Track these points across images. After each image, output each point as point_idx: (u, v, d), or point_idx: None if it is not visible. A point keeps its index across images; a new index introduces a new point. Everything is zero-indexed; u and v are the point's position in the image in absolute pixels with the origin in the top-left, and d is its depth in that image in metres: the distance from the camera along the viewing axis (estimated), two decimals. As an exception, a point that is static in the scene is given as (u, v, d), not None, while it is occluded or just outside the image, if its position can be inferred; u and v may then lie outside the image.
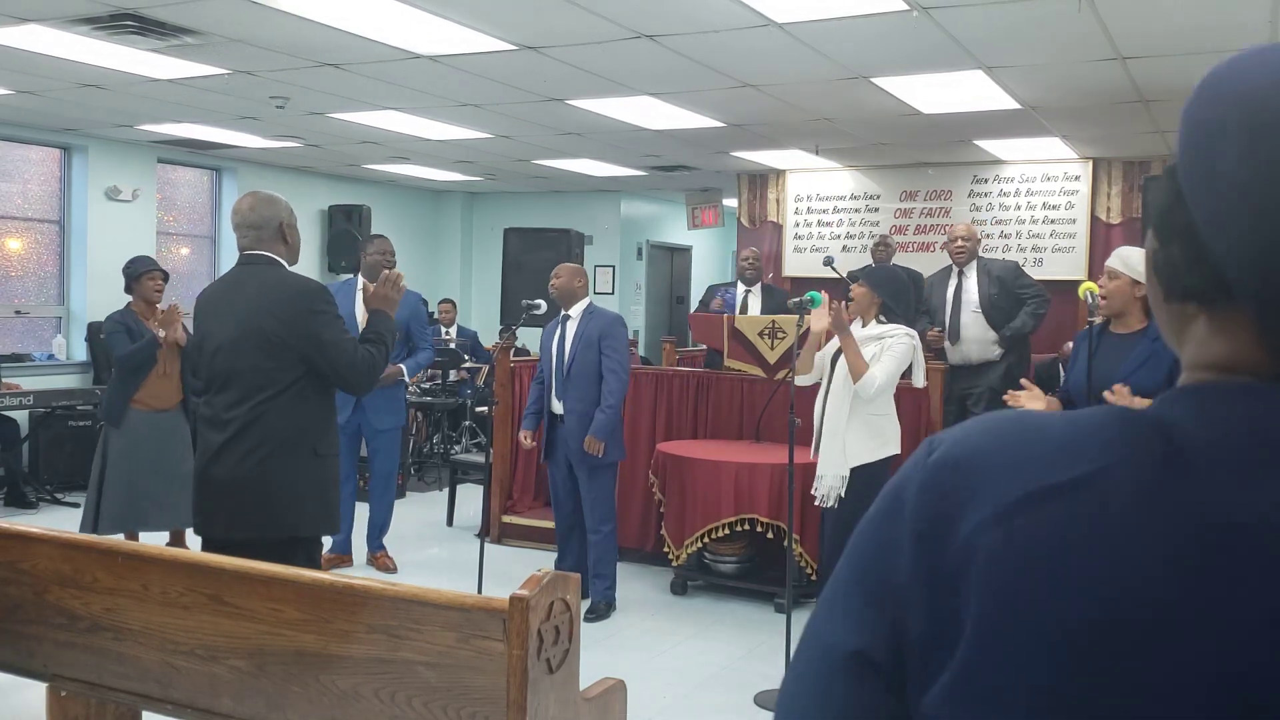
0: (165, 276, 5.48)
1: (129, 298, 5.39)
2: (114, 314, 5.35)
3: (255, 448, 3.08)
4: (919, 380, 4.60)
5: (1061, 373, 6.31)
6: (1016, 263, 6.61)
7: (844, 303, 4.40)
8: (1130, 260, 3.54)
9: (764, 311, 6.81)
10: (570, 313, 5.03)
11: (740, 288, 7.34)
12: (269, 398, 3.09)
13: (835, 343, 4.42)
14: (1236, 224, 0.59)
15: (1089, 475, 0.60)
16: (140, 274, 5.34)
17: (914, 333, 4.43)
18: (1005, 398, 3.80)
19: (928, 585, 0.63)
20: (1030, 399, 3.75)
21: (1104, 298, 3.62)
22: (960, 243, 6.30)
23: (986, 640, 0.60)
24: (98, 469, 5.22)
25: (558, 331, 5.07)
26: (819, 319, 4.34)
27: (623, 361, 4.93)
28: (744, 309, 7.09)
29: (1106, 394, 3.35)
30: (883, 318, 4.42)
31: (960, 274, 6.33)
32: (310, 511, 3.16)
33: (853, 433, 4.33)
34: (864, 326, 4.43)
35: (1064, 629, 0.58)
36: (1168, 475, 0.60)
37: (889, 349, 4.31)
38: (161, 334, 5.20)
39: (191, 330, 3.38)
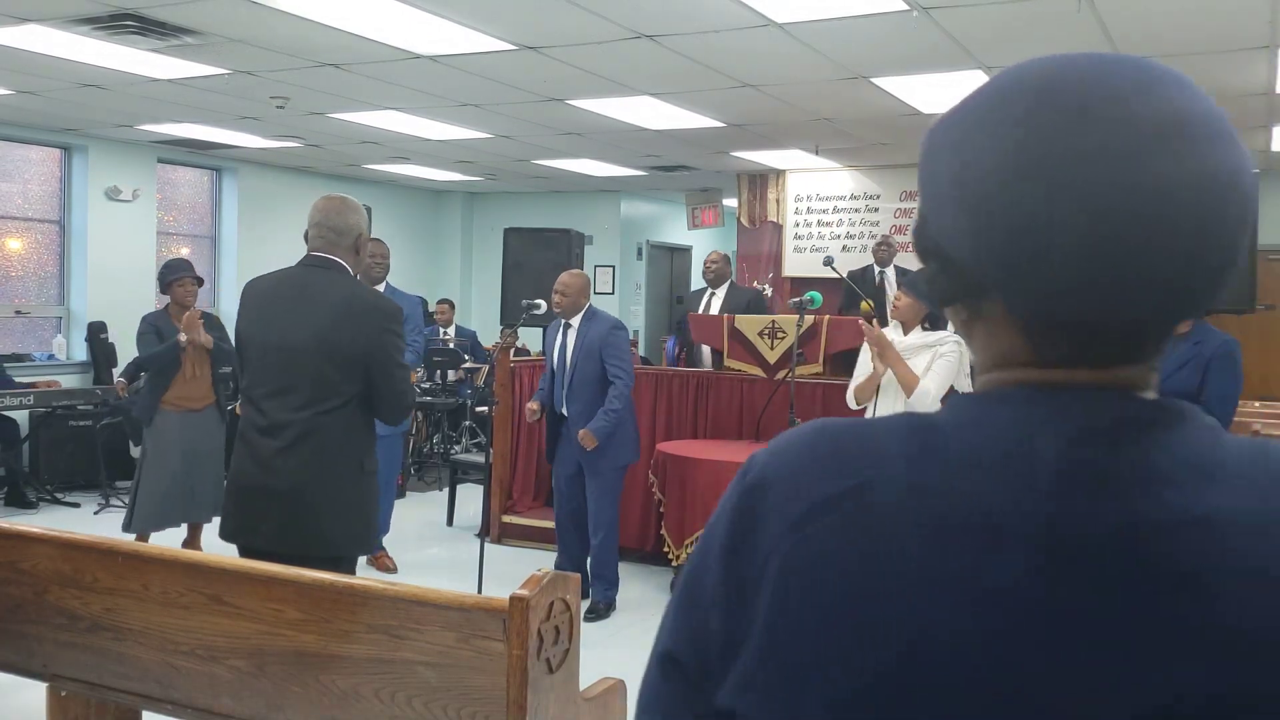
0: (199, 281, 5.54)
1: (150, 300, 5.47)
2: (148, 314, 5.50)
3: (312, 459, 2.96)
4: (965, 385, 4.49)
5: None
6: None
7: (873, 320, 4.33)
8: None
9: (723, 311, 6.74)
10: (571, 322, 5.02)
11: (707, 291, 7.29)
12: (330, 409, 2.96)
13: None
14: (960, 232, 0.67)
15: (860, 484, 0.67)
16: (171, 281, 5.42)
17: (961, 339, 4.36)
18: None
19: (731, 595, 0.70)
20: None
21: None
22: None
23: (772, 638, 0.66)
24: (139, 469, 5.41)
25: (559, 339, 5.07)
26: (881, 339, 4.18)
27: (625, 367, 4.93)
28: (706, 310, 7.04)
29: None
30: (927, 324, 4.32)
31: None
32: (355, 531, 3.06)
33: None
34: (905, 335, 4.33)
35: (836, 628, 0.64)
36: (923, 476, 0.65)
37: (942, 356, 4.19)
38: (183, 338, 5.25)
39: (238, 319, 3.22)
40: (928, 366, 4.18)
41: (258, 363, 3.05)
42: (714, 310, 6.90)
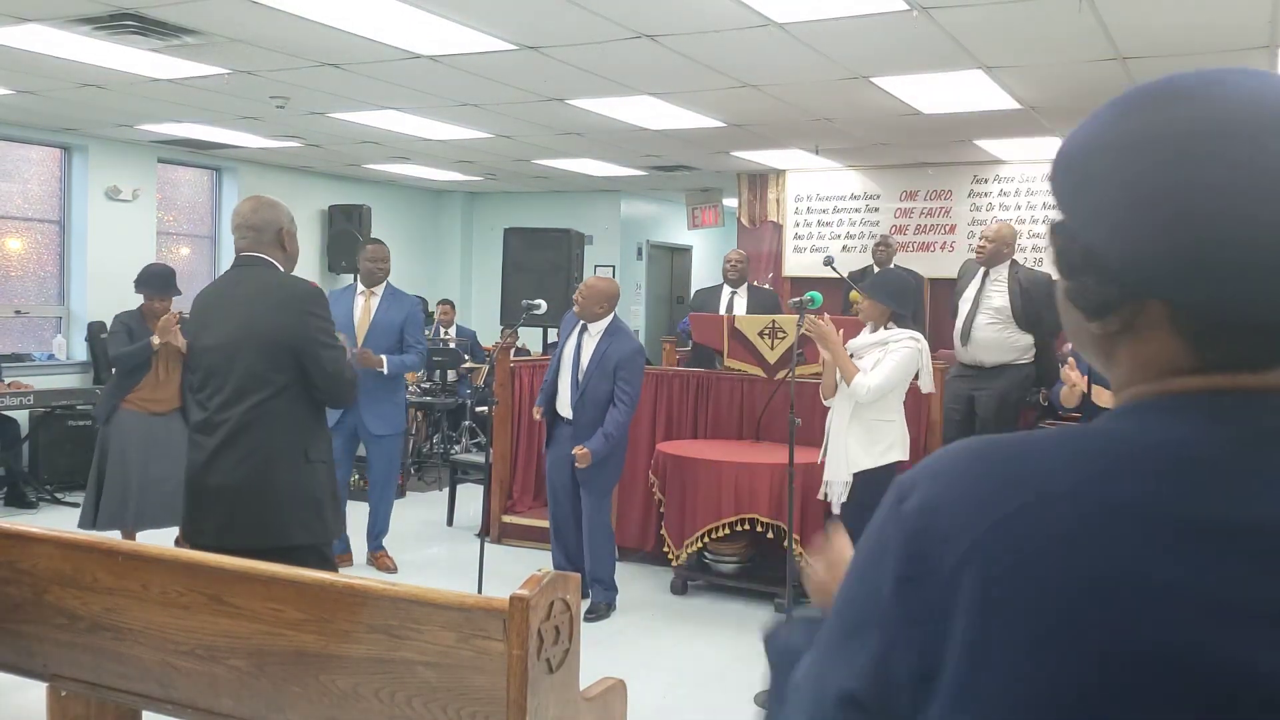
0: (175, 294, 5.44)
1: (139, 299, 5.43)
2: (120, 314, 5.40)
3: (249, 454, 3.03)
4: (926, 385, 4.56)
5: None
6: (1049, 276, 6.33)
7: (824, 314, 4.44)
8: None
9: (750, 313, 6.76)
10: (590, 328, 4.96)
11: (726, 290, 7.28)
12: (262, 401, 3.03)
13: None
14: (1126, 235, 0.68)
15: (1039, 498, 0.67)
16: (143, 293, 5.35)
17: (919, 336, 4.42)
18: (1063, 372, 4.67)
19: (915, 625, 0.69)
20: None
21: None
22: (981, 242, 6.09)
23: (978, 657, 0.66)
24: (96, 467, 5.26)
25: (574, 341, 5.00)
26: (830, 334, 4.36)
27: (633, 396, 4.88)
28: (730, 311, 7.03)
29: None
30: (892, 324, 4.42)
31: (986, 274, 5.99)
32: (302, 519, 3.09)
33: (853, 437, 4.34)
34: (871, 332, 4.45)
35: (1053, 636, 0.64)
36: (1114, 485, 0.66)
37: (893, 354, 4.30)
38: (156, 341, 5.21)
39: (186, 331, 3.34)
40: (877, 361, 4.29)
41: (199, 365, 3.16)
42: (738, 310, 6.91)
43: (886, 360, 4.29)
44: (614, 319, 5.00)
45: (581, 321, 5.00)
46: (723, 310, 6.97)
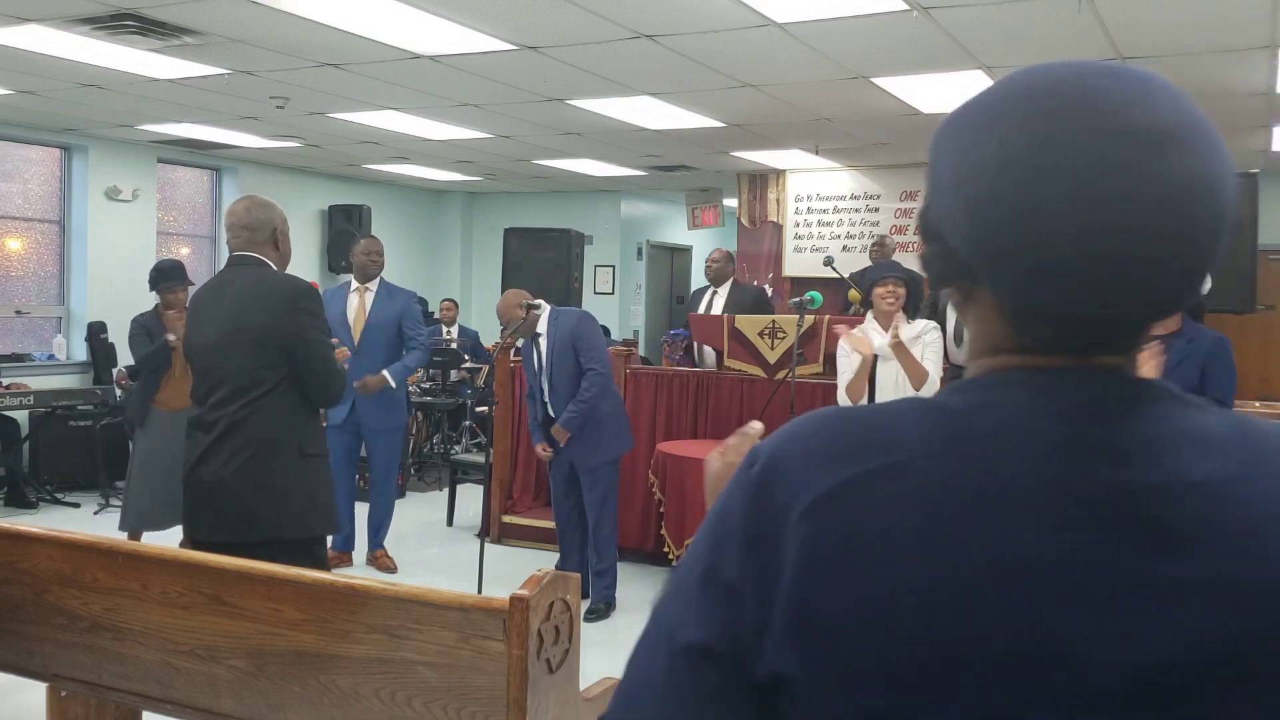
0: (188, 286, 5.50)
1: (145, 300, 5.47)
2: (138, 316, 5.48)
3: (241, 448, 3.05)
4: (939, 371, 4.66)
5: None
6: None
7: (857, 309, 4.45)
8: None
9: (725, 309, 6.74)
10: (539, 330, 4.95)
11: (709, 290, 7.28)
12: (256, 398, 3.05)
13: (867, 344, 4.45)
14: (955, 219, 0.72)
15: (886, 464, 0.70)
16: (161, 289, 5.43)
17: (938, 326, 4.52)
18: None
19: (757, 580, 0.71)
20: None
21: None
22: None
23: (804, 614, 0.69)
24: (131, 469, 5.41)
25: (533, 350, 5.01)
26: (868, 345, 4.33)
27: (599, 355, 4.86)
28: (708, 309, 7.03)
29: None
30: (907, 315, 4.51)
31: None
32: (295, 512, 3.11)
33: None
34: (886, 331, 4.44)
35: (865, 600, 0.67)
36: (958, 457, 0.69)
37: (930, 346, 4.40)
38: (172, 338, 5.25)
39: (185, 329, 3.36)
40: (921, 357, 4.35)
41: (195, 364, 3.20)
42: (716, 309, 6.86)
43: (930, 353, 4.39)
44: (551, 310, 4.97)
45: (532, 338, 4.98)
46: (701, 309, 6.96)
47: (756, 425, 1.06)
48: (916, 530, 0.67)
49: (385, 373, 5.48)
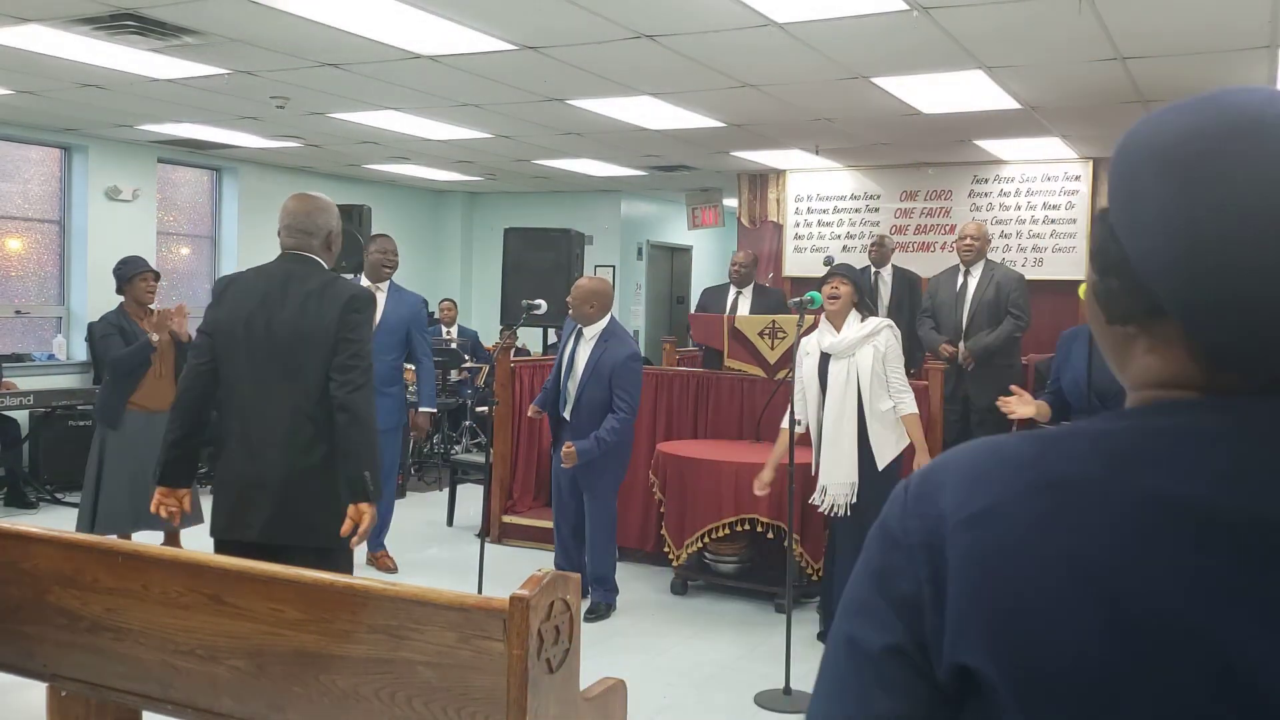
0: (157, 276, 5.44)
1: (121, 299, 5.36)
2: (107, 315, 5.31)
3: (304, 450, 2.98)
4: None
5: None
6: (1022, 276, 6.52)
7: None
8: None
9: (754, 313, 6.77)
10: (585, 333, 4.95)
11: (732, 290, 7.30)
12: (319, 399, 2.99)
13: (814, 356, 4.52)
14: (1161, 256, 0.70)
15: (1053, 482, 0.70)
16: (132, 275, 5.30)
17: (893, 325, 4.54)
18: (998, 403, 3.91)
19: (932, 584, 0.73)
20: (1020, 404, 3.87)
21: None
22: (968, 241, 6.26)
23: (959, 626, 0.70)
24: (94, 469, 5.20)
25: (569, 347, 4.99)
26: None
27: (632, 405, 4.85)
28: (734, 311, 7.04)
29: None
30: (859, 313, 4.52)
31: (967, 273, 6.28)
32: (342, 521, 3.04)
33: (877, 437, 4.37)
34: (839, 331, 4.47)
35: (1039, 609, 0.68)
36: (1126, 474, 0.69)
37: (890, 360, 4.42)
38: (155, 337, 5.17)
39: (212, 311, 3.15)
40: (880, 358, 4.39)
41: (243, 356, 3.05)
42: (743, 310, 6.94)
43: (893, 369, 4.43)
44: (611, 321, 4.98)
45: (576, 328, 4.99)
46: (728, 310, 6.99)
47: None
48: (1077, 540, 0.68)
49: (423, 408, 5.86)
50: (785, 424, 4.58)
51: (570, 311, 4.98)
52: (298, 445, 2.99)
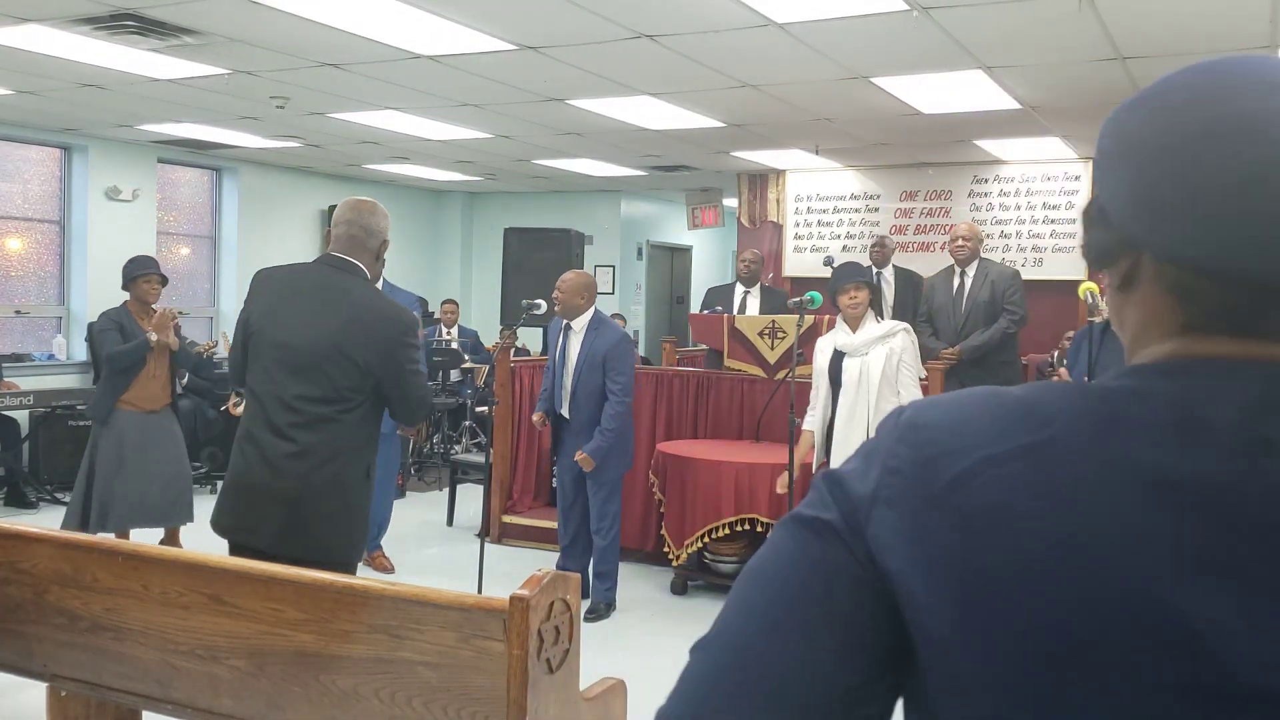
0: (164, 280, 5.44)
1: (126, 295, 5.37)
2: (108, 311, 5.31)
3: (322, 464, 2.94)
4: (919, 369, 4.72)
5: (1058, 366, 6.30)
6: (1017, 271, 6.54)
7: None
8: None
9: (763, 313, 6.80)
10: (573, 325, 4.98)
11: (739, 289, 7.34)
12: (343, 413, 2.95)
13: (827, 354, 4.52)
14: (1127, 188, 0.72)
15: (1042, 441, 0.70)
16: (137, 276, 5.30)
17: (909, 327, 4.58)
18: None
19: (889, 495, 0.73)
20: None
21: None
22: (961, 241, 6.28)
23: (951, 577, 0.69)
24: (86, 467, 5.19)
25: (560, 341, 5.03)
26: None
27: (626, 386, 4.88)
28: (742, 310, 7.07)
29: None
30: (876, 316, 4.57)
31: (962, 273, 6.30)
32: (354, 539, 3.04)
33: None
34: (854, 332, 4.50)
35: (1013, 570, 0.67)
36: (1109, 439, 0.68)
37: (905, 362, 4.44)
38: (153, 337, 5.18)
39: (249, 306, 3.10)
40: (896, 361, 4.42)
41: (270, 360, 3.00)
42: (751, 309, 6.98)
43: (905, 370, 4.46)
44: (595, 312, 5.02)
45: (564, 322, 5.01)
46: (735, 309, 7.01)
47: None
48: (1054, 505, 0.67)
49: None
50: (806, 425, 4.61)
51: (558, 308, 5.00)
52: (314, 460, 2.94)
